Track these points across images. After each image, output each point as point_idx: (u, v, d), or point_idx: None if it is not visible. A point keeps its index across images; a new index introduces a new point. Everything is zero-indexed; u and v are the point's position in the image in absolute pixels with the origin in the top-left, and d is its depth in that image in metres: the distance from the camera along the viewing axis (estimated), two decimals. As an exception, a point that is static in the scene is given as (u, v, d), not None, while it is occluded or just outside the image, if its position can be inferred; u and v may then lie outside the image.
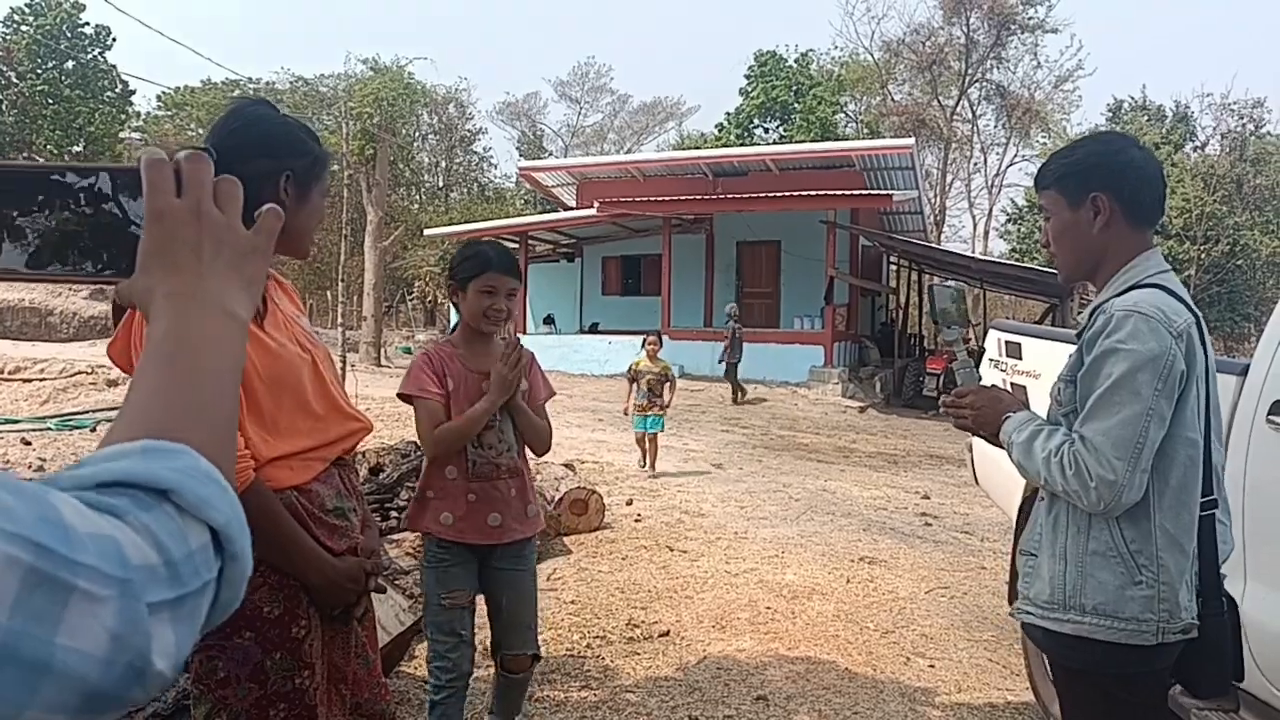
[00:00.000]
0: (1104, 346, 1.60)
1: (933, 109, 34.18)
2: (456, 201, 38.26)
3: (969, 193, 37.17)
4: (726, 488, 7.75)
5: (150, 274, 0.62)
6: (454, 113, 40.10)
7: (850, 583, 4.97)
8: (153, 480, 0.48)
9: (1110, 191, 1.69)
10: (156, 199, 0.62)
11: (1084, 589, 1.66)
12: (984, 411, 1.80)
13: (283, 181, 1.54)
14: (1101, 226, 1.71)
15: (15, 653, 0.38)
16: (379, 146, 18.05)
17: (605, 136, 47.50)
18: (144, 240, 0.62)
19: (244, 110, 1.63)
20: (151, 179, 0.62)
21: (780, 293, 19.27)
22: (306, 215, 1.60)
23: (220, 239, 0.64)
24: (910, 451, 11.41)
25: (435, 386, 2.45)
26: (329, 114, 29.99)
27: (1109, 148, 1.74)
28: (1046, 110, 32.85)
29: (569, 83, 46.59)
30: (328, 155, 1.66)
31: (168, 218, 0.62)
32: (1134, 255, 1.72)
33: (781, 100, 34.54)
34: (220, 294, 0.63)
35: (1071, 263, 1.78)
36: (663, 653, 3.80)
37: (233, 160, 1.52)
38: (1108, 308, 1.64)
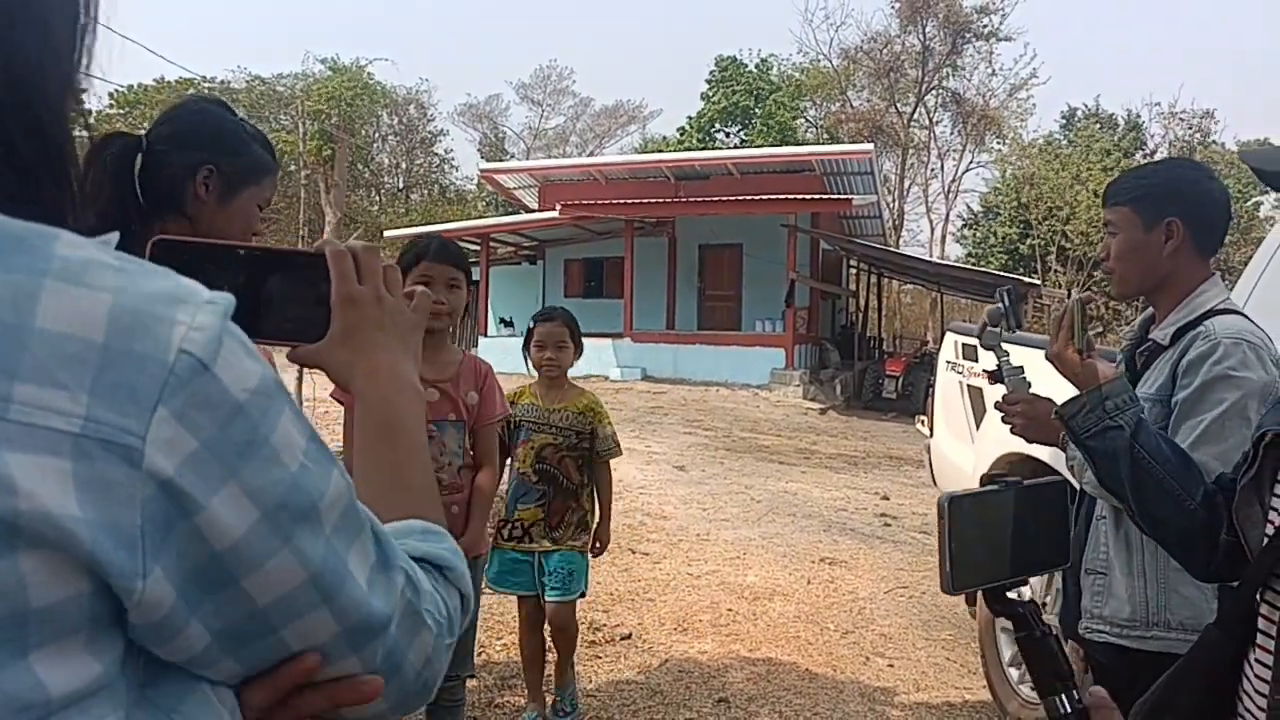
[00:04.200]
0: (1216, 373, 1.60)
1: (890, 115, 34.63)
2: (417, 203, 37.91)
3: (926, 197, 37.71)
4: (689, 490, 7.76)
5: (347, 352, 0.73)
6: (415, 114, 39.74)
7: (811, 584, 5.00)
8: (437, 559, 0.66)
9: (1186, 219, 1.71)
10: (346, 286, 0.73)
11: (1168, 605, 1.66)
12: (1032, 425, 1.79)
13: (203, 175, 1.49)
14: (1171, 251, 1.72)
15: (390, 653, 0.58)
16: (337, 147, 17.83)
17: (567, 139, 47.42)
18: (337, 319, 0.72)
19: (190, 103, 1.59)
20: (340, 269, 0.73)
21: (742, 295, 19.36)
22: (226, 218, 1.52)
23: (394, 319, 0.76)
24: (870, 453, 11.53)
25: None
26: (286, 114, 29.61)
27: (1190, 174, 1.76)
28: (1001, 117, 33.44)
29: (531, 85, 46.42)
30: (272, 167, 1.61)
31: (358, 302, 0.73)
32: (1199, 282, 1.74)
33: (742, 105, 34.75)
34: (406, 371, 0.75)
35: (1134, 281, 1.79)
36: (624, 656, 3.79)
37: (162, 148, 1.48)
38: (1210, 334, 1.64)
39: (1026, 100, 33.99)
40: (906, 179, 35.92)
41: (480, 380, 2.46)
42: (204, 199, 1.50)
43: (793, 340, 16.74)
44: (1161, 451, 1.38)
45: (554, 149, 46.89)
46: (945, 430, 4.28)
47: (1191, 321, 1.70)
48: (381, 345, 0.74)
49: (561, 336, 3.10)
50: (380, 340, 0.74)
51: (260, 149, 1.59)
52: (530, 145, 46.96)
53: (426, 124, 40.74)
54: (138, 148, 1.49)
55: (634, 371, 17.02)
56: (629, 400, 14.65)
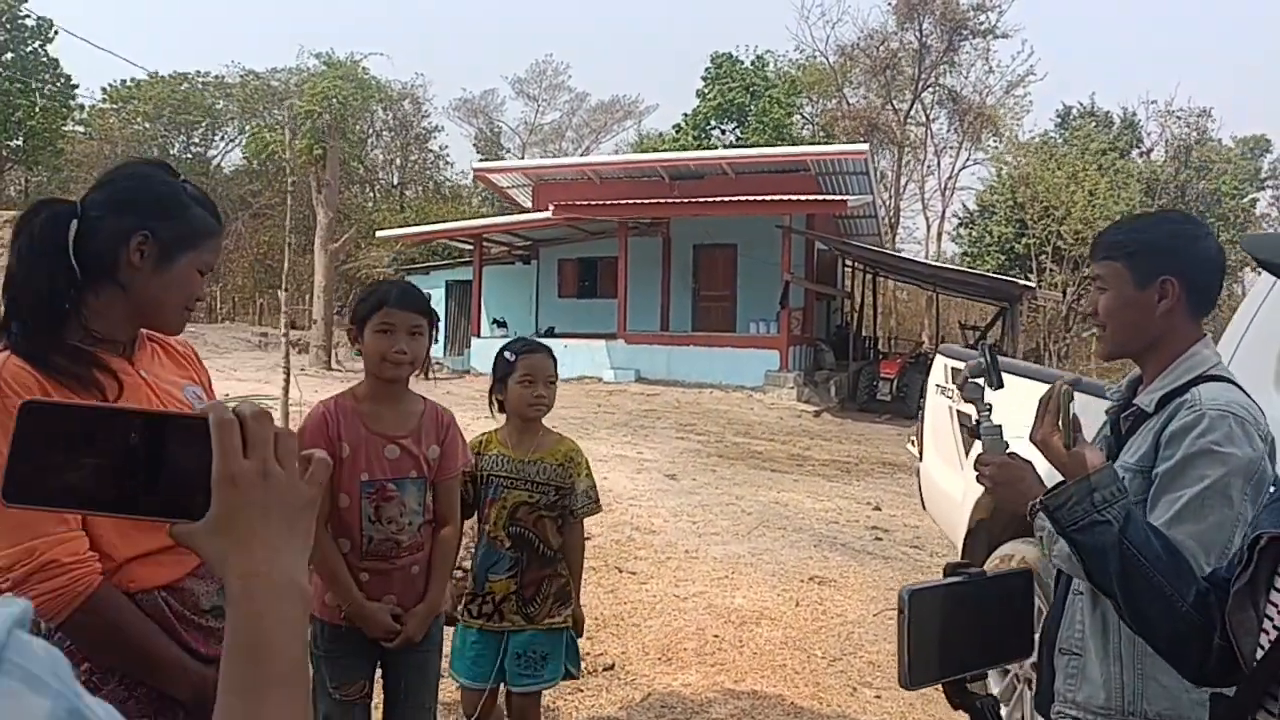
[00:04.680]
0: (1199, 446, 1.52)
1: (887, 113, 34.53)
2: (412, 200, 37.78)
3: (923, 195, 37.63)
4: (679, 500, 7.70)
5: (223, 541, 0.65)
6: (409, 109, 39.59)
7: (799, 606, 4.94)
8: None
9: (1182, 278, 1.62)
10: (229, 463, 0.65)
11: (1145, 694, 1.58)
12: (1004, 488, 1.69)
13: (136, 241, 1.42)
14: (1164, 312, 1.64)
15: None
16: (329, 146, 17.71)
17: (563, 134, 47.28)
18: (216, 501, 0.65)
19: (129, 166, 1.52)
20: (223, 443, 0.65)
21: (736, 296, 19.30)
22: (163, 285, 1.45)
23: (283, 498, 0.67)
24: (863, 458, 11.48)
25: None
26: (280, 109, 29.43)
27: (1188, 230, 1.67)
28: (998, 115, 33.35)
29: (526, 80, 46.24)
30: (215, 229, 1.53)
31: (239, 482, 0.65)
32: (1190, 343, 1.66)
33: (738, 102, 34.60)
34: (289, 569, 0.66)
35: (1123, 340, 1.71)
36: (607, 689, 3.73)
37: (96, 213, 1.42)
38: (1196, 404, 1.56)
39: (1023, 98, 33.94)
40: (903, 176, 35.86)
41: (442, 432, 2.30)
42: (138, 266, 1.43)
43: (787, 342, 16.69)
44: (1151, 547, 1.31)
45: (549, 144, 46.74)
46: (935, 455, 4.22)
47: (1179, 388, 1.62)
48: (260, 536, 0.65)
49: (551, 370, 2.67)
50: (260, 529, 0.66)
51: (201, 211, 1.51)
52: (526, 140, 46.82)
53: (421, 120, 40.61)
54: (71, 214, 1.42)
55: (627, 373, 16.96)
56: (622, 403, 14.59)
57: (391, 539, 2.20)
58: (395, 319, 2.20)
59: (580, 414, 13.08)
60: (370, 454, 2.19)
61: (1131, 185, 25.63)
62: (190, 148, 37.40)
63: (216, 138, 38.64)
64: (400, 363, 2.20)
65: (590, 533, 6.32)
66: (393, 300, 2.21)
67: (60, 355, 1.36)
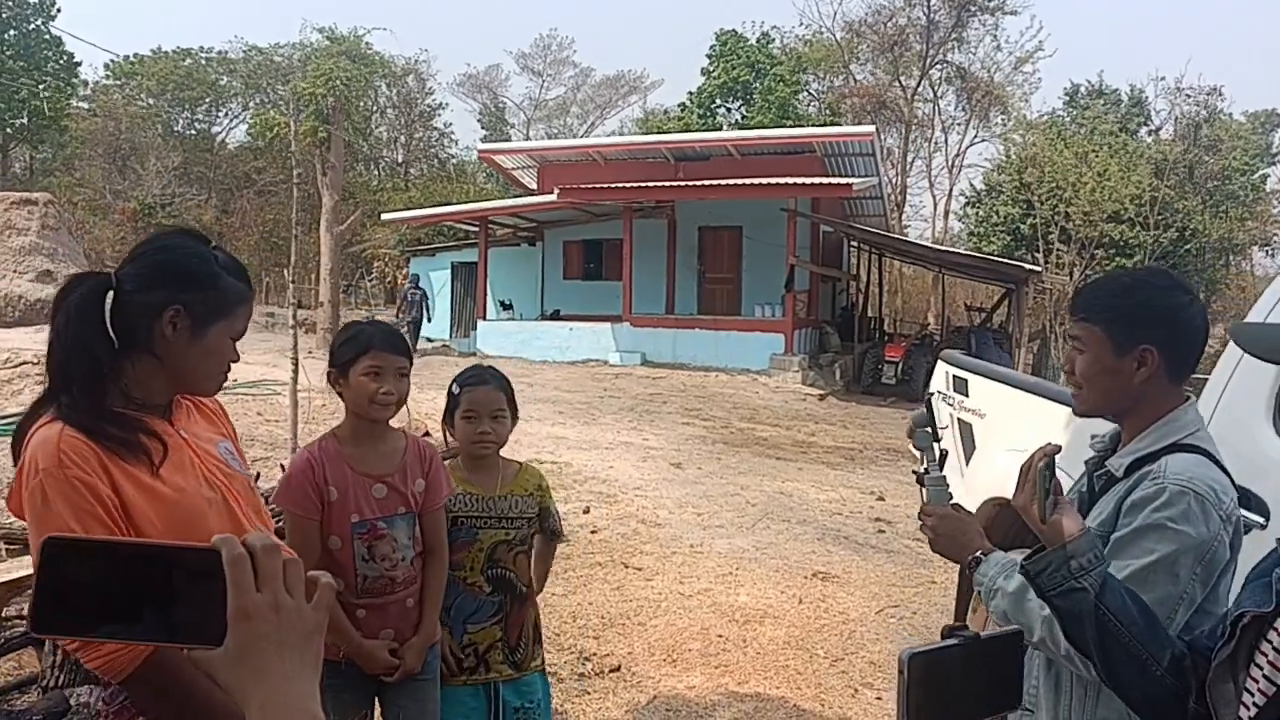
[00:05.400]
0: (1151, 520, 1.52)
1: (894, 90, 34.27)
2: (416, 179, 37.69)
3: (929, 172, 37.45)
4: (685, 491, 7.78)
5: (241, 673, 0.70)
6: (413, 85, 39.41)
7: (802, 603, 5.02)
8: None
9: (1162, 347, 1.60)
10: (243, 599, 0.69)
11: None
12: (944, 540, 1.71)
13: (169, 315, 1.49)
14: (1143, 379, 1.61)
15: None
16: (333, 129, 17.67)
17: (568, 110, 47.06)
18: (232, 634, 0.69)
19: (160, 238, 1.58)
20: (237, 579, 0.69)
21: (742, 279, 19.30)
22: (199, 355, 1.52)
23: (294, 628, 0.71)
24: (868, 444, 11.54)
25: (314, 502, 2.17)
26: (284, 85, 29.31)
27: (1171, 299, 1.63)
28: (1006, 92, 33.09)
29: (531, 55, 46.00)
30: (246, 295, 1.59)
31: (254, 616, 0.69)
32: (1168, 409, 1.64)
33: (742, 80, 34.35)
34: (303, 698, 0.71)
35: (1099, 404, 1.69)
36: (613, 692, 3.81)
37: (130, 287, 1.48)
38: (1160, 477, 1.55)
39: (1032, 74, 33.70)
40: (910, 154, 35.66)
41: (426, 465, 2.31)
42: (172, 339, 1.50)
43: (792, 325, 16.71)
44: (1128, 613, 1.36)
45: (554, 120, 46.55)
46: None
47: (1149, 455, 1.61)
48: (275, 668, 0.70)
49: (498, 404, 2.51)
50: (274, 661, 0.70)
51: (231, 280, 1.57)
52: (531, 116, 46.62)
53: (425, 96, 40.43)
54: (106, 286, 1.49)
55: (633, 356, 17.01)
56: (628, 386, 14.66)
57: (386, 576, 2.23)
58: (383, 361, 2.21)
59: (586, 398, 13.16)
60: (359, 495, 2.21)
61: (1141, 166, 25.41)
62: (194, 124, 37.31)
63: (220, 114, 38.56)
64: (388, 404, 2.22)
65: (596, 525, 6.43)
66: (379, 344, 2.23)
67: (109, 423, 1.43)
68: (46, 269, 19.60)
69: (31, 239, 19.58)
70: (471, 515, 2.48)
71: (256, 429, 8.56)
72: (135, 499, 1.42)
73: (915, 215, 39.24)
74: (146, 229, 27.41)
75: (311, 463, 2.21)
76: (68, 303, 1.47)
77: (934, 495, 1.72)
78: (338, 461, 2.22)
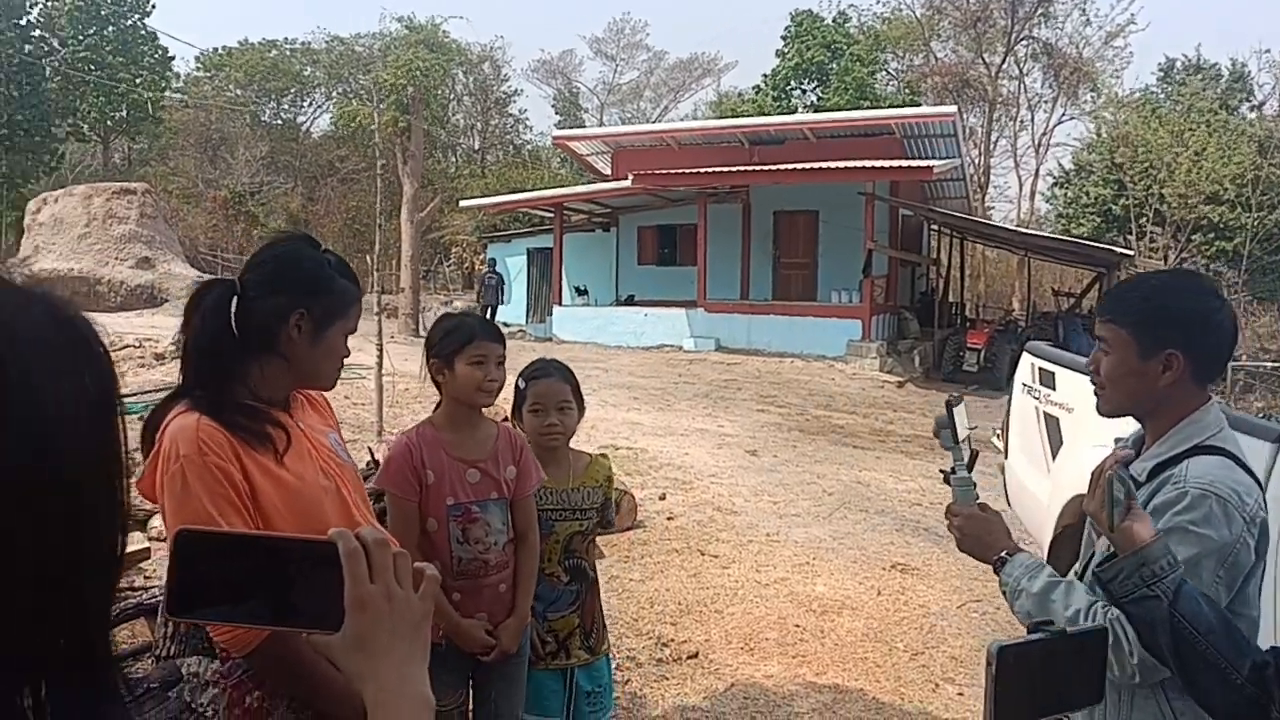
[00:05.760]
0: (1173, 524, 1.51)
1: (977, 68, 33.22)
2: (492, 165, 38.18)
3: (1015, 152, 36.24)
4: (760, 479, 7.77)
5: (359, 659, 0.75)
6: (489, 72, 39.88)
7: (881, 595, 4.98)
8: None
9: (1189, 351, 1.60)
10: (358, 589, 0.74)
11: None
12: (970, 540, 1.73)
13: (295, 318, 1.60)
14: (1168, 383, 1.61)
15: None
16: (413, 118, 18.03)
17: (641, 94, 46.97)
18: (350, 623, 0.74)
19: (277, 244, 1.70)
20: (353, 570, 0.74)
21: (818, 263, 19.05)
22: (321, 352, 1.64)
23: (404, 617, 0.77)
24: (947, 434, 11.30)
25: (413, 485, 2.25)
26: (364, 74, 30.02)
27: (1200, 303, 1.63)
28: (1095, 68, 31.76)
29: (604, 39, 46.02)
30: (357, 295, 1.70)
31: (369, 606, 0.74)
32: (1192, 410, 1.63)
33: (818, 61, 33.73)
34: (415, 681, 0.77)
35: (1123, 405, 1.68)
36: (690, 678, 3.85)
37: (254, 293, 1.59)
38: (1180, 480, 1.55)
39: (1123, 49, 32.25)
40: (994, 133, 34.57)
41: (517, 453, 2.39)
42: (296, 341, 1.61)
43: (870, 311, 16.45)
44: (1205, 620, 1.33)
45: (627, 104, 46.53)
46: (1020, 455, 4.18)
47: (1172, 458, 1.60)
48: (391, 652, 0.75)
49: (563, 395, 2.57)
50: (388, 646, 0.75)
51: (344, 282, 1.67)
52: (604, 101, 46.71)
53: (501, 83, 40.86)
54: (232, 291, 1.61)
55: (707, 342, 16.98)
56: (702, 372, 14.65)
57: (479, 559, 2.31)
58: (486, 350, 2.29)
59: (660, 384, 13.20)
60: (454, 479, 2.29)
61: (1242, 145, 24.15)
62: (280, 114, 38.45)
63: (305, 104, 39.66)
64: (492, 390, 2.31)
65: (673, 512, 6.48)
66: (481, 334, 2.31)
67: (240, 414, 1.55)
68: (145, 256, 20.56)
69: (131, 227, 20.55)
70: (547, 508, 2.52)
71: (344, 412, 8.85)
72: (263, 485, 1.53)
73: (999, 197, 38.12)
74: (237, 217, 28.50)
75: (410, 447, 2.30)
76: (201, 308, 1.60)
77: (960, 495, 1.76)
78: (434, 447, 2.31)
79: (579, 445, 2.77)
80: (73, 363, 0.56)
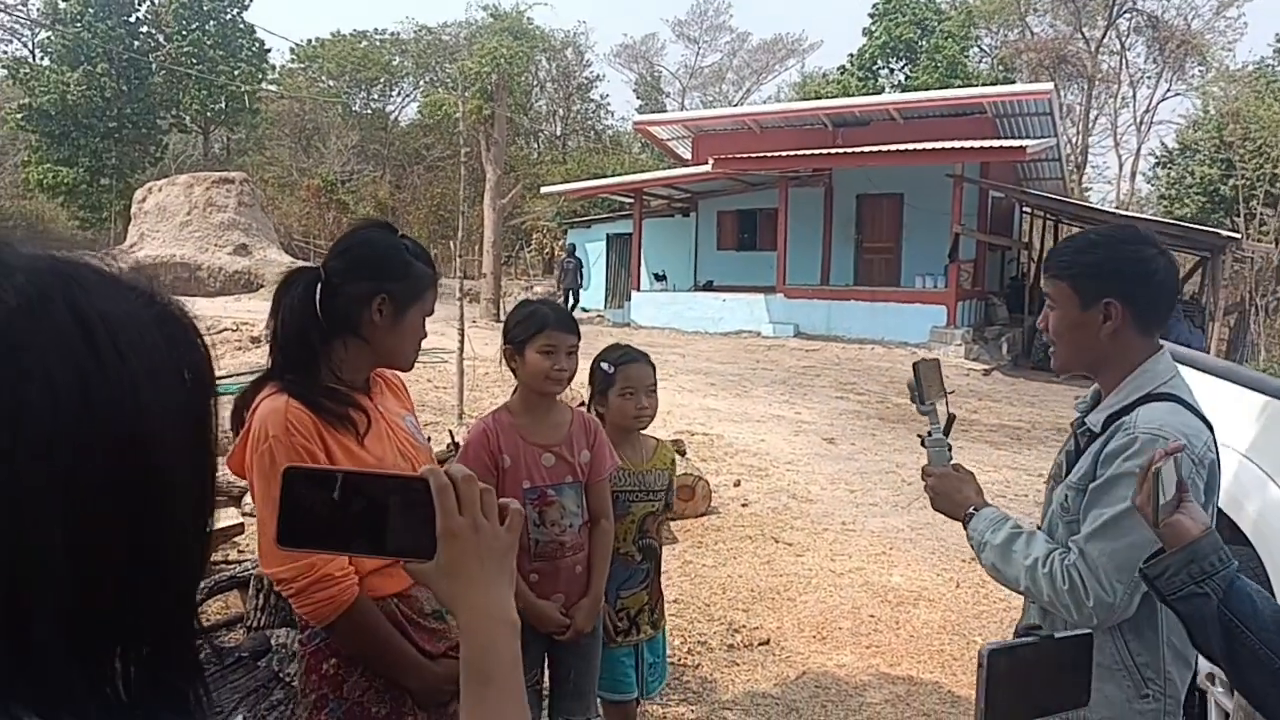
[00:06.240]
0: (1123, 469, 1.57)
1: (1076, 42, 31.85)
2: (573, 151, 38.44)
3: (1115, 131, 34.74)
4: (837, 467, 7.67)
5: (451, 583, 0.81)
6: (571, 58, 40.11)
7: (960, 588, 4.87)
8: None
9: (1126, 299, 1.65)
10: (449, 521, 0.80)
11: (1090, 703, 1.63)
12: (942, 498, 1.84)
13: (376, 302, 1.67)
14: (1110, 332, 1.67)
15: None
16: (497, 106, 18.27)
17: (724, 77, 46.59)
18: (441, 551, 0.80)
19: (358, 232, 1.76)
20: (443, 504, 0.79)
21: (901, 248, 18.61)
22: (401, 334, 1.70)
23: (491, 547, 0.82)
24: (1036, 423, 10.96)
25: (490, 469, 2.30)
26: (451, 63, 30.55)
27: (1134, 252, 1.67)
28: (1205, 41, 30.09)
29: (687, 22, 45.76)
30: (433, 278, 1.75)
31: (459, 536, 0.80)
32: (1140, 360, 1.68)
33: (907, 38, 32.76)
34: (501, 603, 0.83)
35: (1071, 359, 1.76)
36: (762, 665, 3.84)
37: (338, 280, 1.65)
38: (1131, 428, 1.60)
39: (1237, 19, 30.50)
40: (1092, 111, 33.16)
41: (591, 437, 2.43)
42: (379, 324, 1.68)
43: (955, 296, 16.01)
44: (1258, 617, 1.26)
45: (709, 87, 46.21)
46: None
47: (1125, 408, 1.65)
48: (479, 578, 0.81)
49: (651, 379, 2.66)
50: (477, 574, 0.81)
51: (420, 265, 1.73)
52: (686, 85, 46.49)
53: (583, 69, 41.07)
54: (317, 278, 1.69)
55: (786, 328, 16.81)
56: (780, 359, 14.51)
57: (555, 540, 2.36)
58: (557, 341, 2.33)
59: (738, 370, 13.13)
60: (529, 463, 2.34)
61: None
62: (370, 104, 39.45)
63: (394, 93, 40.58)
64: (560, 379, 2.35)
65: (747, 499, 6.45)
66: (552, 323, 2.35)
67: (325, 397, 1.63)
68: (243, 243, 21.39)
69: (230, 215, 21.39)
70: (624, 489, 2.60)
71: (426, 395, 9.07)
72: (344, 463, 1.60)
73: (1098, 177, 36.62)
74: (329, 204, 29.40)
75: (487, 432, 2.37)
76: (289, 295, 1.68)
77: (934, 456, 1.88)
78: (510, 432, 2.36)
79: (651, 430, 2.83)
80: (169, 353, 0.58)
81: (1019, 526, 1.73)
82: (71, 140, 27.67)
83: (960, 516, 1.81)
